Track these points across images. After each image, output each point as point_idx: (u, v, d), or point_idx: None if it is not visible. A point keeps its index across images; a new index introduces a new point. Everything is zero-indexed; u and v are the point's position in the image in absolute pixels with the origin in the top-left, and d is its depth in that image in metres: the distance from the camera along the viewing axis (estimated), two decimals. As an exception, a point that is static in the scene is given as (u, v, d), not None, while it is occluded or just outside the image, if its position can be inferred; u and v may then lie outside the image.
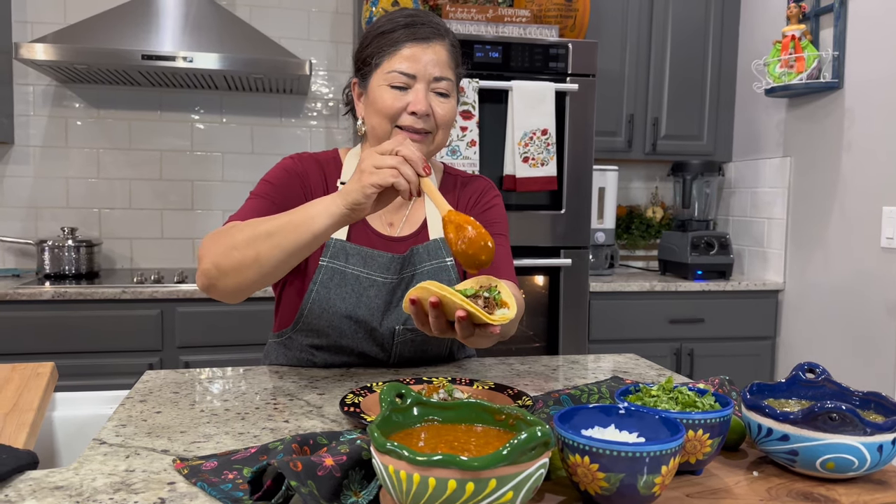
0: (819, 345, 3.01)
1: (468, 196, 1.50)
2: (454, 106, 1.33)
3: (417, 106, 1.27)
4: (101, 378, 2.60)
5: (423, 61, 1.27)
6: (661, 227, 3.70)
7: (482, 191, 1.51)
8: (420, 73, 1.28)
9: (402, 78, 1.27)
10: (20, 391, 1.19)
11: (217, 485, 0.83)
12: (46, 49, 2.63)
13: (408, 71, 1.27)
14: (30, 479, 0.85)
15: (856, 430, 0.83)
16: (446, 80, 1.30)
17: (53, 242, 2.89)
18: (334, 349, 1.41)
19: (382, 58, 1.29)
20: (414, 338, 1.41)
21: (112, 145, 3.22)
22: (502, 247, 1.45)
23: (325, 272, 1.34)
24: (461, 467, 0.65)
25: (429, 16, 1.32)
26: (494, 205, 1.50)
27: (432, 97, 1.29)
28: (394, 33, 1.29)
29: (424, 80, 1.28)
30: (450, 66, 1.31)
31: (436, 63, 1.28)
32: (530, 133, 2.76)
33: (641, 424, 0.83)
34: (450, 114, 1.32)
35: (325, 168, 1.43)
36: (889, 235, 2.64)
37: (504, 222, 1.50)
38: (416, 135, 1.29)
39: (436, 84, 1.29)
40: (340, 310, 1.35)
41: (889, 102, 2.66)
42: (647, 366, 1.52)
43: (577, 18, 2.98)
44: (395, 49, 1.28)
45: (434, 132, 1.32)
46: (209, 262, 1.18)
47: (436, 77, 1.29)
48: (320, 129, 3.42)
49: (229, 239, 1.17)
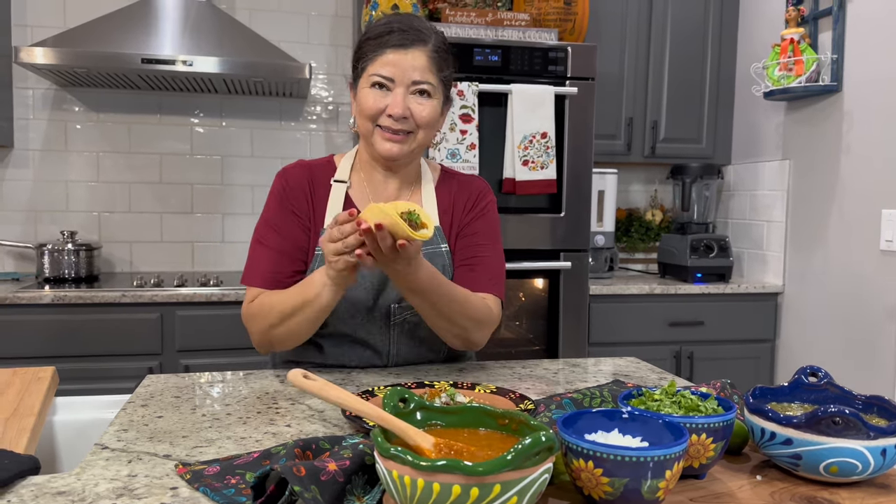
0: (818, 347, 3.01)
1: (465, 197, 1.53)
2: (435, 106, 1.39)
3: (394, 109, 1.35)
4: (100, 382, 2.59)
5: (401, 66, 1.35)
6: (660, 230, 3.70)
7: (479, 194, 1.55)
8: (398, 78, 1.35)
9: (382, 80, 1.35)
10: (21, 395, 1.19)
11: (220, 490, 0.82)
12: (46, 53, 2.63)
13: (387, 75, 1.35)
14: (32, 485, 0.84)
15: (859, 434, 0.83)
16: (426, 83, 1.37)
17: (53, 246, 2.89)
18: (336, 336, 1.45)
19: (367, 62, 1.37)
20: (410, 318, 1.45)
21: (112, 149, 3.22)
22: (490, 258, 1.49)
23: (320, 259, 1.41)
24: (465, 472, 0.65)
25: (413, 22, 1.39)
26: (489, 211, 1.54)
27: (411, 99, 1.36)
28: (378, 39, 1.36)
29: (403, 85, 1.35)
30: (430, 69, 1.38)
31: (414, 68, 1.35)
32: (530, 136, 2.76)
33: (645, 429, 0.83)
34: (429, 114, 1.38)
35: (314, 173, 1.50)
36: (888, 238, 2.65)
37: (497, 230, 1.55)
38: (395, 135, 1.38)
39: (415, 87, 1.36)
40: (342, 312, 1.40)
41: (888, 105, 2.66)
42: (649, 369, 1.52)
43: (577, 22, 2.99)
44: (377, 55, 1.36)
45: (415, 131, 1.39)
46: (259, 339, 1.40)
47: (414, 81, 1.36)
48: (320, 133, 3.42)
49: (264, 321, 1.36)
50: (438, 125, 1.44)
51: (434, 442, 0.77)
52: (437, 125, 1.43)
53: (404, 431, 0.77)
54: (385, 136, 1.38)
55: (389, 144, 1.38)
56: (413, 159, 1.48)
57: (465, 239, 1.50)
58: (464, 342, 1.42)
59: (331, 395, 0.87)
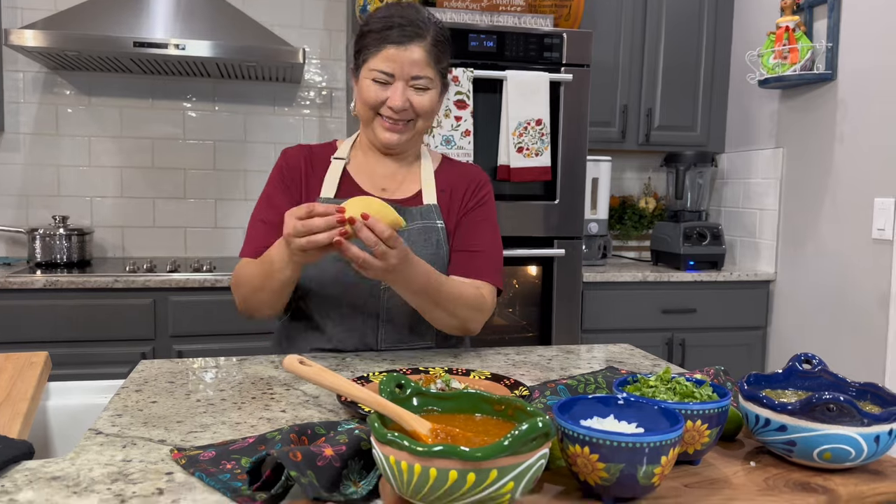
0: (810, 335, 3.03)
1: (465, 184, 1.57)
2: (433, 96, 1.45)
3: (394, 102, 1.40)
4: (93, 367, 2.59)
5: (400, 62, 1.39)
6: (653, 218, 3.71)
7: (478, 183, 1.59)
8: (398, 73, 1.40)
9: (382, 76, 1.40)
10: (14, 381, 1.18)
11: (215, 475, 0.82)
12: (36, 35, 2.60)
13: (387, 70, 1.40)
14: (26, 470, 0.84)
15: (853, 420, 0.83)
16: (424, 77, 1.42)
17: (44, 231, 2.87)
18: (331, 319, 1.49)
19: (368, 55, 1.42)
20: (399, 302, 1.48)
21: (103, 133, 3.19)
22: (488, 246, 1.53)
23: None
24: (462, 458, 0.65)
25: (412, 15, 1.42)
26: (487, 201, 1.59)
27: (411, 91, 1.42)
28: (378, 33, 1.40)
29: (402, 79, 1.40)
30: (429, 63, 1.42)
31: (413, 63, 1.40)
32: (525, 123, 2.76)
33: (640, 415, 0.83)
34: (428, 104, 1.44)
35: (314, 153, 1.56)
36: (880, 227, 2.66)
37: (495, 219, 1.60)
38: (395, 125, 1.44)
39: (414, 81, 1.41)
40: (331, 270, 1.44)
41: (882, 94, 2.67)
42: (642, 356, 1.52)
43: (572, 8, 2.97)
44: (377, 49, 1.40)
45: (415, 119, 1.45)
46: (241, 303, 1.44)
47: (413, 76, 1.41)
48: (313, 118, 3.40)
49: (241, 290, 1.42)
50: (436, 110, 1.50)
51: (431, 427, 0.77)
52: (436, 111, 1.49)
53: (401, 417, 0.77)
54: (385, 126, 1.44)
55: (389, 133, 1.44)
56: (412, 146, 1.54)
57: (463, 228, 1.54)
58: (460, 331, 1.47)
59: (326, 380, 0.87)
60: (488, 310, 1.48)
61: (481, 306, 1.46)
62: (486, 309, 1.47)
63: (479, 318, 1.46)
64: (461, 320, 1.43)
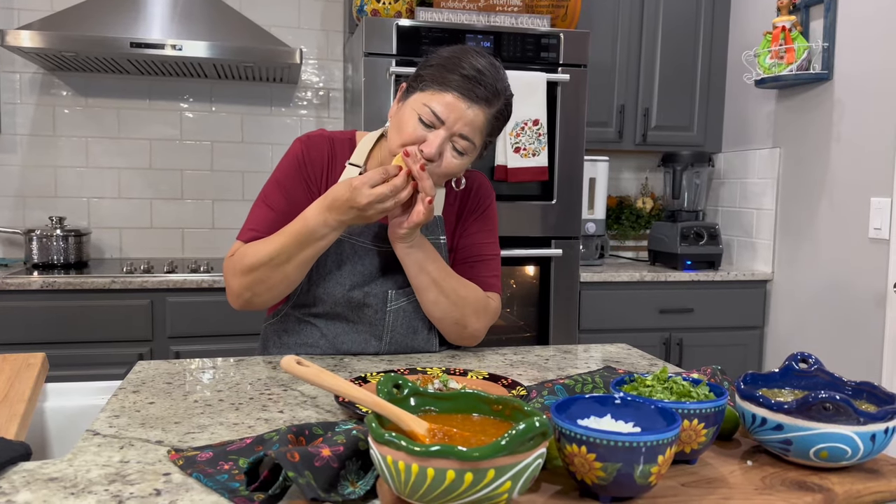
0: (807, 334, 3.03)
1: (467, 188, 1.54)
2: (464, 164, 1.36)
3: (428, 148, 1.30)
4: (90, 368, 2.59)
5: (456, 113, 1.29)
6: (650, 218, 3.71)
7: (480, 186, 1.56)
8: (448, 122, 1.30)
9: (431, 117, 1.30)
10: (11, 382, 1.18)
11: (213, 476, 0.82)
12: (33, 36, 2.59)
13: (439, 115, 1.29)
14: (23, 471, 0.84)
15: (849, 419, 0.84)
16: (469, 141, 1.32)
17: (42, 232, 2.87)
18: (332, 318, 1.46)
19: (428, 87, 1.32)
20: (406, 306, 1.47)
21: (101, 134, 3.19)
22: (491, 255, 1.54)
23: None
24: (460, 458, 0.65)
25: (493, 78, 1.32)
26: (489, 206, 1.57)
27: (448, 147, 1.32)
28: (452, 74, 1.30)
29: (448, 130, 1.30)
30: (481, 131, 1.34)
31: (466, 122, 1.30)
32: (522, 123, 2.76)
33: (637, 414, 0.84)
34: (456, 170, 1.35)
35: (335, 148, 1.48)
36: (877, 226, 2.66)
37: (496, 227, 1.58)
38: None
39: (458, 140, 1.32)
40: (335, 277, 1.42)
41: (878, 94, 2.67)
42: (639, 355, 1.52)
43: (569, 8, 2.98)
44: (441, 88, 1.30)
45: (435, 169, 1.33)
46: (240, 287, 1.36)
47: (461, 134, 1.31)
48: (311, 118, 3.40)
49: (261, 264, 1.33)
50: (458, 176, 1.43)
51: (428, 427, 0.77)
52: (457, 176, 1.42)
53: (399, 417, 0.77)
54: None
55: None
56: None
57: (467, 237, 1.53)
58: (461, 330, 1.45)
59: (325, 381, 0.87)
60: (493, 313, 1.48)
61: (485, 306, 1.46)
62: (490, 310, 1.47)
63: (482, 318, 1.45)
64: (462, 314, 1.42)
